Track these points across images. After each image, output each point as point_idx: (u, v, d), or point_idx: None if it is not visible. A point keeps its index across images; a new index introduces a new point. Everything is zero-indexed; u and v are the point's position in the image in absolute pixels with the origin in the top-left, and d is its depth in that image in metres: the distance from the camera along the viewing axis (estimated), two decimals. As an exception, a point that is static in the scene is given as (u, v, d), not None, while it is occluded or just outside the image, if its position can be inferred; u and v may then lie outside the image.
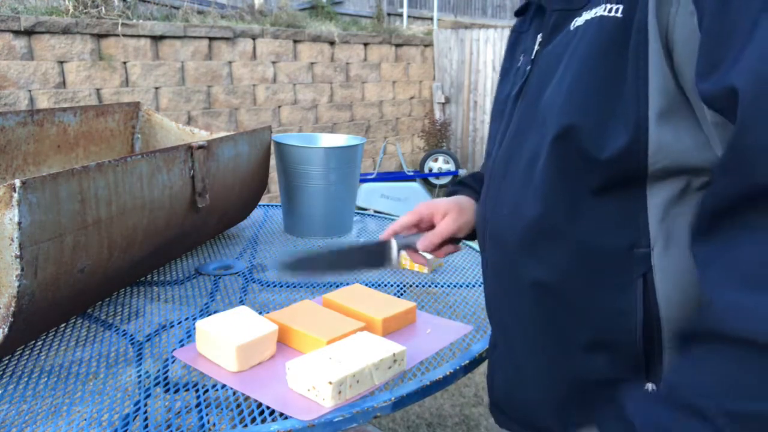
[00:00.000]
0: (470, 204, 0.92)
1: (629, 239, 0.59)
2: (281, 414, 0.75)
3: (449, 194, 1.00)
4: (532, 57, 0.71)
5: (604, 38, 0.59)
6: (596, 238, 0.60)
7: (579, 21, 0.63)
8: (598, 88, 0.59)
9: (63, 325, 1.04)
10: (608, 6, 0.60)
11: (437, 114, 6.34)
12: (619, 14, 0.58)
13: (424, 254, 0.95)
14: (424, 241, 0.89)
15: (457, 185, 1.00)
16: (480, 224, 0.81)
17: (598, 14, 0.61)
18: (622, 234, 0.59)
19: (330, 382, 0.74)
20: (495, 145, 0.76)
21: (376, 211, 4.14)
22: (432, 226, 0.91)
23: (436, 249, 0.91)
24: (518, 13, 0.82)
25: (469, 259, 1.44)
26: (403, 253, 1.36)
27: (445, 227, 0.89)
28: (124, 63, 3.95)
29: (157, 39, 4.09)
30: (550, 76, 0.65)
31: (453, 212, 0.90)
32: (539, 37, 0.71)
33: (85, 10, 3.83)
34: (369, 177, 4.68)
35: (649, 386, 0.59)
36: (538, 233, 0.64)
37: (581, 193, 0.61)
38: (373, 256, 0.90)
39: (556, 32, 0.67)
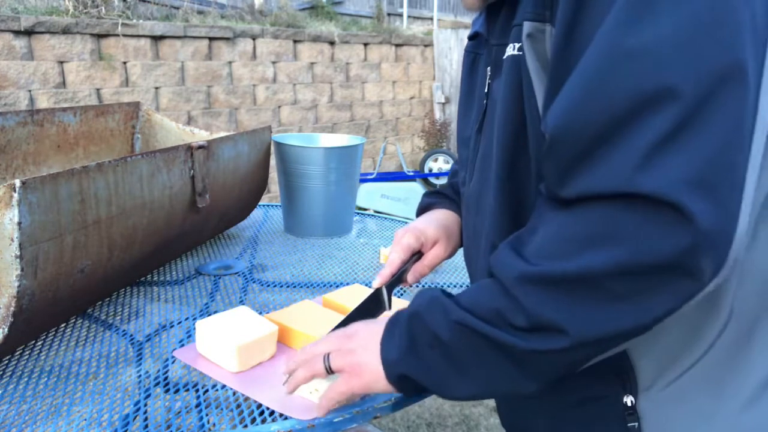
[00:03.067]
0: (455, 223, 0.91)
1: None
2: (281, 414, 0.75)
3: (425, 206, 0.97)
4: (486, 91, 0.72)
5: (513, 79, 0.62)
6: None
7: (505, 56, 0.65)
8: (516, 132, 0.63)
9: (63, 325, 1.04)
10: (515, 45, 0.62)
11: (437, 114, 6.34)
12: (520, 52, 0.61)
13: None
14: (414, 274, 0.87)
15: (433, 196, 0.97)
16: (466, 255, 0.82)
17: (509, 54, 0.63)
18: None
19: None
20: (468, 175, 0.78)
21: (376, 211, 4.14)
22: (419, 253, 0.88)
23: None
24: (471, 38, 0.83)
25: (469, 259, 1.44)
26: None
27: (435, 257, 0.87)
28: (124, 63, 3.95)
29: (157, 39, 4.09)
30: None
31: (442, 240, 0.88)
32: (488, 70, 0.72)
33: (85, 10, 3.83)
34: (369, 177, 4.68)
35: (628, 400, 0.59)
36: None
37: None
38: (368, 311, 0.84)
39: (499, 66, 0.69)
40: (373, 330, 0.68)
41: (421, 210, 0.97)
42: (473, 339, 0.56)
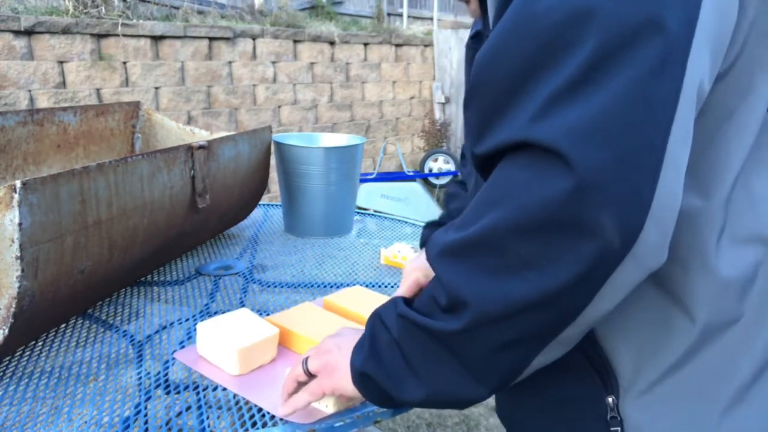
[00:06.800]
0: None
1: None
2: (282, 418, 0.75)
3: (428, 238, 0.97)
4: None
5: None
6: None
7: None
8: None
9: (63, 325, 1.03)
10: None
11: (437, 114, 6.34)
12: None
13: None
14: None
15: (435, 227, 0.96)
16: None
17: None
18: None
19: None
20: (471, 170, 0.78)
21: (376, 211, 4.14)
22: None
23: None
24: (473, 37, 0.84)
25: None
26: (402, 252, 1.37)
27: None
28: (124, 63, 3.95)
29: (157, 39, 4.09)
30: None
31: None
32: None
33: (85, 10, 3.83)
34: (369, 177, 4.67)
35: (610, 400, 0.58)
36: None
37: None
38: None
39: None
40: (353, 333, 0.68)
41: (425, 242, 0.96)
42: (414, 331, 0.56)
